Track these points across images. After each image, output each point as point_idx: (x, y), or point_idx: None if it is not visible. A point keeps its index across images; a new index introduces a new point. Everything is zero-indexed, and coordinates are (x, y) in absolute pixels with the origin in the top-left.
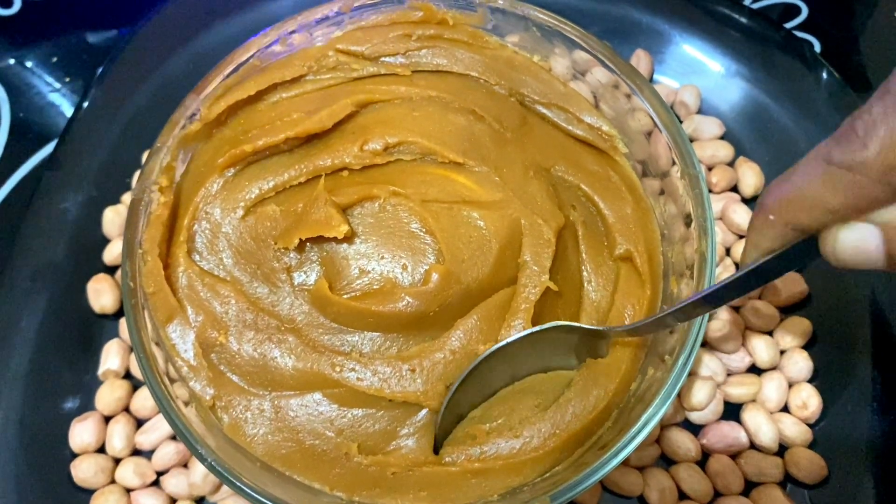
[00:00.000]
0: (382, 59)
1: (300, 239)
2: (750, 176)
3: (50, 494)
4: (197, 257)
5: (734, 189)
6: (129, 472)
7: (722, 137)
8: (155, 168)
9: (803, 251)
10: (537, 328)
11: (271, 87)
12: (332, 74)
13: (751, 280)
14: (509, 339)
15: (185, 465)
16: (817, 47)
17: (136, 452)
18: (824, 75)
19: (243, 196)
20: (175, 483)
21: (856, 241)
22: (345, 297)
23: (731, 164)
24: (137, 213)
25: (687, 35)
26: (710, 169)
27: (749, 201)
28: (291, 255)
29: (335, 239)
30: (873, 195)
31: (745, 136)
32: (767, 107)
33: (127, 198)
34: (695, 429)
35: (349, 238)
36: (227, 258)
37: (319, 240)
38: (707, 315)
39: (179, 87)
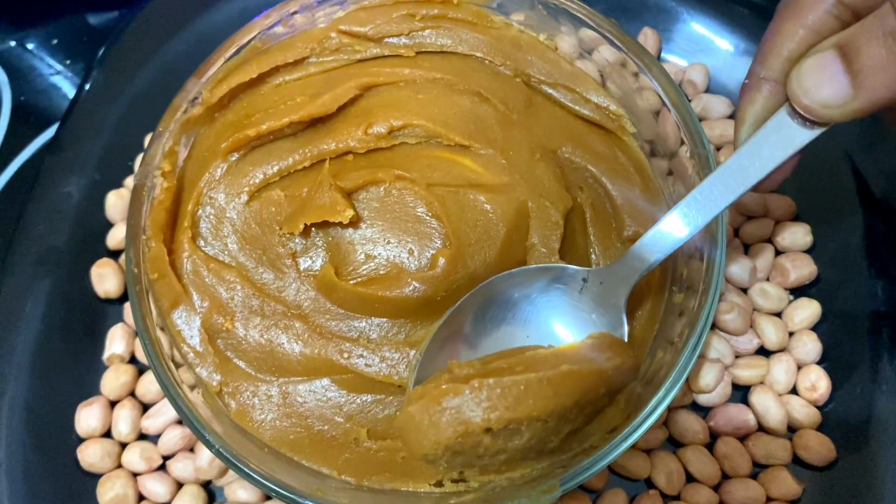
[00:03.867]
0: (386, 39)
1: (305, 224)
2: None
3: (57, 479)
4: (202, 243)
5: None
6: (135, 457)
7: (731, 117)
8: (157, 153)
9: (785, 123)
10: (538, 266)
11: (273, 69)
12: (335, 56)
13: (749, 161)
14: (506, 273)
15: (192, 450)
16: None
17: (142, 437)
18: None
19: (247, 181)
20: (181, 467)
21: (815, 64)
22: (351, 282)
23: None
24: (140, 198)
25: (695, 12)
26: (718, 149)
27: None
28: (297, 240)
29: (340, 224)
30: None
31: None
32: None
33: (130, 181)
34: (703, 411)
35: (355, 223)
36: (231, 244)
37: (325, 225)
38: (717, 296)
39: (182, 69)
